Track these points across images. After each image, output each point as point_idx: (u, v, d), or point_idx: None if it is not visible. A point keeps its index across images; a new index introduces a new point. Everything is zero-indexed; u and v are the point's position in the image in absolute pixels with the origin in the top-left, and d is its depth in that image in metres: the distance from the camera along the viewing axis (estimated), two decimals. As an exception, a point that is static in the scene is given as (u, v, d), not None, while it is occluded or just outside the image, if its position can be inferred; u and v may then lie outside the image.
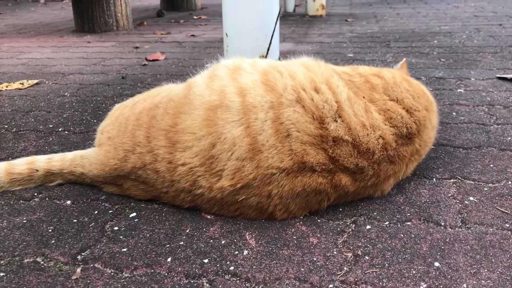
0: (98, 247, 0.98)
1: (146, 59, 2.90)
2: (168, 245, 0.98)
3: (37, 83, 2.38)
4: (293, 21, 4.57)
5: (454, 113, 1.74)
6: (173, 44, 3.50)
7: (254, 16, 1.67)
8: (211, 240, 0.99)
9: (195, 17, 5.21)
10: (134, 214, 1.10)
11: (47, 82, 2.42)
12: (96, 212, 1.12)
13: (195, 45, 3.42)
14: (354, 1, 6.65)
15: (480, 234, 0.99)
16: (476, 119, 1.67)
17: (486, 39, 3.20)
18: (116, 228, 1.05)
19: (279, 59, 1.83)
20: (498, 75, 2.25)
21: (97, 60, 2.95)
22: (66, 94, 2.17)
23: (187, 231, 1.03)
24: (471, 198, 1.14)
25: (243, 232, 1.02)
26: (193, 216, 1.08)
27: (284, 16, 5.00)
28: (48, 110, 1.93)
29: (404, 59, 1.42)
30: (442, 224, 1.03)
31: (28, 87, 2.32)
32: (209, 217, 1.08)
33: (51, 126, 1.73)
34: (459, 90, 2.03)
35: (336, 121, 1.03)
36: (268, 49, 1.71)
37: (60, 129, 1.69)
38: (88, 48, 3.38)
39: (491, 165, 1.31)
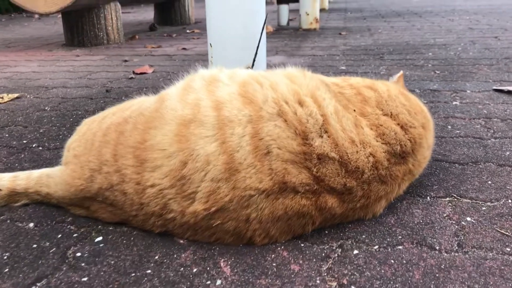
0: (56, 276, 0.88)
1: (134, 72, 2.82)
2: (133, 274, 0.88)
3: (17, 97, 2.30)
4: (286, 35, 4.52)
5: (450, 127, 1.66)
6: (163, 57, 3.43)
7: (239, 24, 1.60)
8: (182, 268, 0.90)
9: (188, 31, 5.15)
10: (100, 238, 1.01)
11: (28, 96, 2.33)
12: (59, 236, 1.03)
13: (186, 58, 3.35)
14: (348, 15, 6.62)
15: (479, 259, 0.90)
16: (473, 133, 1.59)
17: (481, 51, 3.13)
18: (78, 254, 0.95)
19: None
20: (494, 87, 2.17)
21: (83, 73, 2.87)
22: (46, 108, 2.08)
23: (156, 257, 0.93)
24: (468, 219, 1.05)
25: (218, 258, 0.93)
26: (164, 241, 0.99)
27: (278, 30, 4.95)
28: (25, 125, 1.84)
29: (401, 71, 1.33)
30: (437, 248, 0.94)
31: (8, 101, 2.23)
32: (181, 242, 0.98)
33: (25, 141, 1.64)
34: (454, 103, 1.95)
35: (322, 136, 0.95)
36: (254, 60, 1.63)
37: (34, 145, 1.60)
38: (75, 62, 3.30)
39: (489, 182, 1.22)
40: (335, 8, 7.99)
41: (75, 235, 1.03)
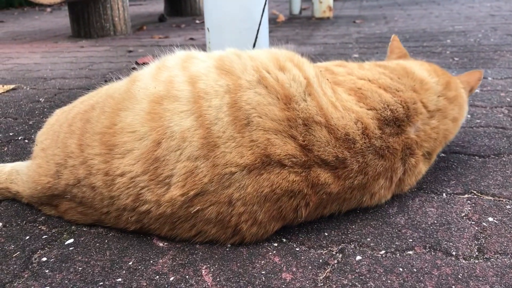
0: (15, 284, 0.78)
1: (136, 63, 2.72)
2: (101, 283, 0.77)
3: (13, 89, 2.21)
4: (298, 24, 4.37)
5: (469, 116, 1.51)
6: (169, 47, 3.31)
7: (238, 5, 1.47)
8: (157, 276, 0.78)
9: (197, 21, 5.04)
10: (71, 240, 0.90)
11: (25, 87, 2.24)
12: (27, 237, 0.92)
13: (193, 48, 3.22)
14: (364, 4, 6.43)
15: (503, 267, 0.77)
16: (495, 122, 1.44)
17: (504, 38, 2.95)
18: (44, 259, 0.84)
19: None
20: (518, 74, 2.01)
21: (85, 64, 2.78)
22: (40, 99, 1.99)
23: (130, 263, 0.82)
24: (490, 219, 0.92)
25: (200, 265, 0.81)
26: (141, 244, 0.87)
27: (290, 19, 4.80)
28: (15, 117, 1.74)
29: (393, 35, 1.22)
30: (453, 253, 0.81)
31: (3, 92, 2.14)
32: (161, 245, 0.87)
33: (11, 134, 1.54)
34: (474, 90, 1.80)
35: (305, 100, 0.85)
36: (255, 44, 1.50)
37: (20, 138, 1.50)
38: (79, 53, 3.21)
39: (514, 177, 1.08)
40: (350, -2, 7.78)
41: (44, 236, 0.92)
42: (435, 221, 0.92)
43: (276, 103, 0.83)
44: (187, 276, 0.78)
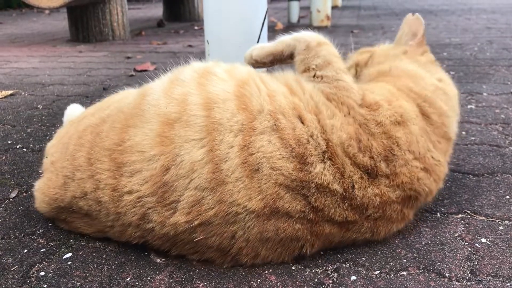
0: (13, 300, 0.78)
1: (135, 70, 2.72)
2: (99, 299, 0.78)
3: (11, 94, 2.21)
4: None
5: (464, 133, 1.53)
6: (168, 54, 3.33)
7: (238, 18, 1.48)
8: (154, 294, 0.79)
9: (196, 27, 5.05)
10: (69, 254, 0.91)
11: (23, 93, 2.24)
12: (25, 251, 0.93)
13: (190, 55, 3.23)
14: (362, 13, 6.47)
15: (495, 290, 0.78)
16: (489, 140, 1.46)
17: (499, 52, 2.98)
18: (42, 273, 0.85)
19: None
20: (513, 90, 2.03)
21: (83, 70, 2.78)
22: (39, 106, 1.99)
23: (128, 279, 0.83)
24: (483, 240, 0.93)
25: (197, 282, 0.82)
26: (139, 260, 0.88)
27: (288, 27, 4.82)
28: (13, 124, 1.75)
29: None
30: (446, 275, 0.83)
31: (1, 98, 2.15)
32: (158, 261, 0.88)
33: (9, 142, 1.55)
34: (469, 106, 1.82)
35: (324, 162, 0.82)
36: (253, 59, 1.51)
37: (18, 146, 1.51)
38: (77, 58, 3.22)
39: (507, 197, 1.10)
40: (348, 6, 7.83)
41: (42, 250, 0.93)
42: (429, 241, 0.93)
43: (290, 159, 0.80)
44: (184, 294, 0.79)
